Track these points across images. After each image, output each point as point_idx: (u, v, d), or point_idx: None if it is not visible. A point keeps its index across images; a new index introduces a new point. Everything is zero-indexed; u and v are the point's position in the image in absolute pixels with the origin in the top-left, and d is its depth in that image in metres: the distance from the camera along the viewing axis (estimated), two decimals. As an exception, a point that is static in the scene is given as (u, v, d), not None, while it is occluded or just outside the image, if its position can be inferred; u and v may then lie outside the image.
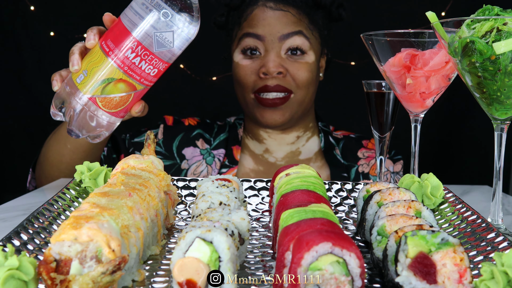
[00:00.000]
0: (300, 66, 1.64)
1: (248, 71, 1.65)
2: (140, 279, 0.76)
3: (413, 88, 1.11)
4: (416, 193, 1.02)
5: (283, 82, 1.62)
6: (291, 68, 1.63)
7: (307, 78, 1.65)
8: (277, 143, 1.78)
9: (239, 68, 1.67)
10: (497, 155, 0.99)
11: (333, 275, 0.64)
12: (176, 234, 0.98)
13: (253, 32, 1.64)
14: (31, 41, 2.54)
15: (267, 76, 1.62)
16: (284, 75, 1.62)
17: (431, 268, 0.66)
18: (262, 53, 1.64)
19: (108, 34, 1.10)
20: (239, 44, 1.67)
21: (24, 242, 0.79)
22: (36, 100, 2.60)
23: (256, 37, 1.63)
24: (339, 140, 1.83)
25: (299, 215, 0.74)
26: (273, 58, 1.61)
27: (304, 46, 1.64)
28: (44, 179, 1.57)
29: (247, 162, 1.79)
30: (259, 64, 1.63)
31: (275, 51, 1.62)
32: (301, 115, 1.74)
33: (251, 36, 1.64)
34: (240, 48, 1.67)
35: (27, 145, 2.66)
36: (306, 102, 1.70)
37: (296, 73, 1.63)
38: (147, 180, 0.91)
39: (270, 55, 1.62)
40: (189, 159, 1.78)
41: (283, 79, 1.62)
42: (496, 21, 0.87)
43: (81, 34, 2.53)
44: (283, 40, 1.62)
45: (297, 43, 1.63)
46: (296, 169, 0.99)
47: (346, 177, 1.76)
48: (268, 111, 1.66)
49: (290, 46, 1.63)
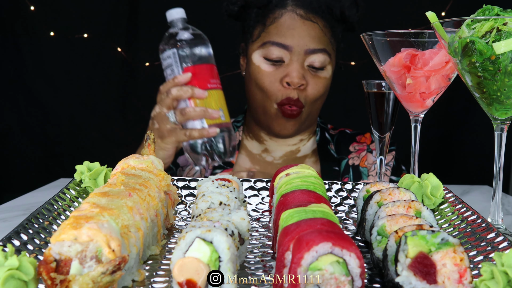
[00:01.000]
0: (318, 81, 1.64)
1: (273, 79, 1.62)
2: (140, 279, 0.76)
3: (413, 88, 1.11)
4: (416, 193, 1.02)
5: (301, 96, 1.62)
6: (311, 82, 1.63)
7: (320, 93, 1.65)
8: (277, 144, 1.78)
9: (262, 74, 1.64)
10: (497, 155, 0.99)
11: (333, 275, 0.64)
12: (176, 234, 0.98)
13: (280, 42, 1.61)
14: (31, 41, 2.54)
15: (290, 86, 1.60)
16: (304, 88, 1.62)
17: (431, 268, 0.66)
18: (286, 61, 1.62)
19: (202, 78, 1.40)
20: (262, 49, 1.64)
21: (24, 242, 0.79)
22: (36, 100, 2.60)
23: (283, 47, 1.61)
24: (334, 136, 1.83)
25: (299, 215, 0.74)
26: (297, 69, 1.60)
27: (325, 63, 1.64)
28: None
29: (244, 161, 1.79)
30: (282, 73, 1.61)
31: (299, 62, 1.61)
32: (308, 124, 1.75)
33: (277, 46, 1.61)
34: (264, 54, 1.63)
35: (27, 145, 2.66)
36: (314, 112, 1.71)
37: (313, 87, 1.63)
38: (147, 180, 0.91)
39: (294, 65, 1.60)
40: (183, 165, 1.78)
41: (301, 92, 1.62)
42: (496, 21, 0.87)
43: (81, 34, 2.53)
44: (308, 54, 1.61)
45: (320, 60, 1.62)
46: (296, 169, 0.99)
47: (337, 170, 1.76)
48: (284, 122, 1.66)
49: (313, 63, 1.62)
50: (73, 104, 2.63)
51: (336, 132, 1.85)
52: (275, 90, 1.62)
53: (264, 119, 1.69)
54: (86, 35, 2.52)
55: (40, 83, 2.59)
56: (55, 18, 2.53)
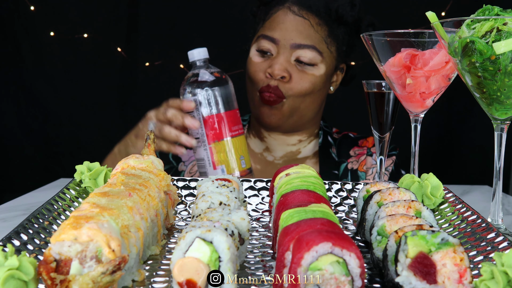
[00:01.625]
0: (304, 76, 1.65)
1: (258, 68, 1.68)
2: (140, 279, 0.76)
3: (413, 88, 1.11)
4: (416, 193, 1.02)
5: (282, 87, 1.64)
6: (295, 75, 1.64)
7: (305, 88, 1.66)
8: (277, 142, 1.79)
9: (251, 64, 1.70)
10: (497, 155, 0.99)
11: (333, 275, 0.64)
12: (176, 234, 0.98)
13: (269, 35, 1.67)
14: (31, 41, 2.54)
15: (272, 77, 1.64)
16: (287, 80, 1.63)
17: (431, 268, 0.66)
18: (274, 54, 1.67)
19: (223, 128, 1.42)
20: (256, 42, 1.71)
21: (24, 242, 0.79)
22: (36, 100, 2.60)
23: (271, 40, 1.66)
24: (337, 139, 1.84)
25: (299, 215, 0.74)
26: (280, 61, 1.64)
27: (315, 60, 1.65)
28: None
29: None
30: (268, 64, 1.66)
31: (285, 56, 1.65)
32: (304, 123, 1.75)
33: (266, 39, 1.67)
34: (256, 46, 1.70)
35: (27, 145, 2.67)
36: (302, 110, 1.70)
37: (297, 82, 1.64)
38: (147, 180, 0.91)
39: (279, 58, 1.64)
40: (186, 160, 1.79)
41: (283, 84, 1.64)
42: (496, 21, 0.87)
43: (81, 34, 2.53)
44: (294, 49, 1.64)
45: (308, 56, 1.64)
46: (296, 169, 0.99)
47: (336, 174, 1.76)
48: (267, 109, 1.68)
49: (299, 57, 1.64)
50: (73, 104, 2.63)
51: (340, 136, 1.85)
52: (258, 79, 1.67)
53: (253, 108, 1.75)
54: (86, 35, 2.52)
55: (40, 83, 2.59)
56: (55, 18, 2.53)
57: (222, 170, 1.40)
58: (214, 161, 1.41)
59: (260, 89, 1.66)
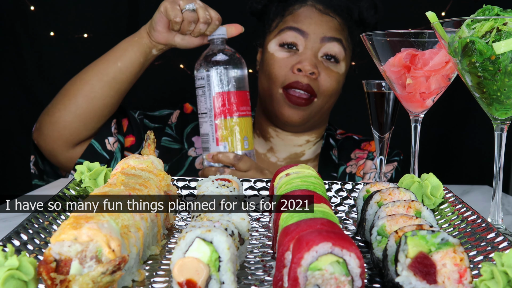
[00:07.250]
0: (331, 73, 1.64)
1: (283, 65, 1.63)
2: (140, 279, 0.76)
3: (413, 88, 1.11)
4: (416, 193, 1.02)
5: (313, 84, 1.61)
6: (323, 73, 1.62)
7: (333, 87, 1.64)
8: (283, 143, 1.77)
9: (274, 60, 1.64)
10: (497, 155, 0.99)
11: (333, 275, 0.64)
12: (176, 234, 0.98)
13: (297, 27, 1.63)
14: (31, 41, 2.54)
15: (301, 73, 1.60)
16: (316, 78, 1.61)
17: (431, 268, 0.66)
18: (300, 49, 1.63)
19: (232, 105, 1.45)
20: (278, 36, 1.65)
21: (24, 242, 0.79)
22: (36, 100, 2.60)
23: (300, 32, 1.62)
24: (339, 141, 1.83)
25: (299, 215, 0.74)
26: (310, 57, 1.61)
27: (340, 56, 1.64)
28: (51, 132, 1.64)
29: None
30: (295, 60, 1.62)
31: (314, 51, 1.62)
32: (318, 122, 1.74)
33: (294, 30, 1.63)
34: (279, 40, 1.65)
35: (27, 145, 2.66)
36: (325, 109, 1.70)
37: (325, 79, 1.62)
38: (147, 180, 0.91)
39: (309, 53, 1.61)
40: (198, 148, 1.77)
41: (314, 81, 1.61)
42: (496, 21, 0.87)
43: (81, 34, 2.53)
44: (324, 42, 1.62)
45: (335, 50, 1.63)
46: (296, 169, 0.99)
47: (334, 176, 1.75)
48: (291, 109, 1.64)
49: (327, 51, 1.62)
50: (73, 104, 2.62)
51: (342, 138, 1.84)
52: (282, 75, 1.62)
53: (269, 105, 1.69)
54: (86, 35, 2.52)
55: (40, 83, 2.59)
56: (55, 18, 2.52)
57: (224, 147, 1.41)
58: (217, 137, 1.42)
59: (288, 85, 1.60)
